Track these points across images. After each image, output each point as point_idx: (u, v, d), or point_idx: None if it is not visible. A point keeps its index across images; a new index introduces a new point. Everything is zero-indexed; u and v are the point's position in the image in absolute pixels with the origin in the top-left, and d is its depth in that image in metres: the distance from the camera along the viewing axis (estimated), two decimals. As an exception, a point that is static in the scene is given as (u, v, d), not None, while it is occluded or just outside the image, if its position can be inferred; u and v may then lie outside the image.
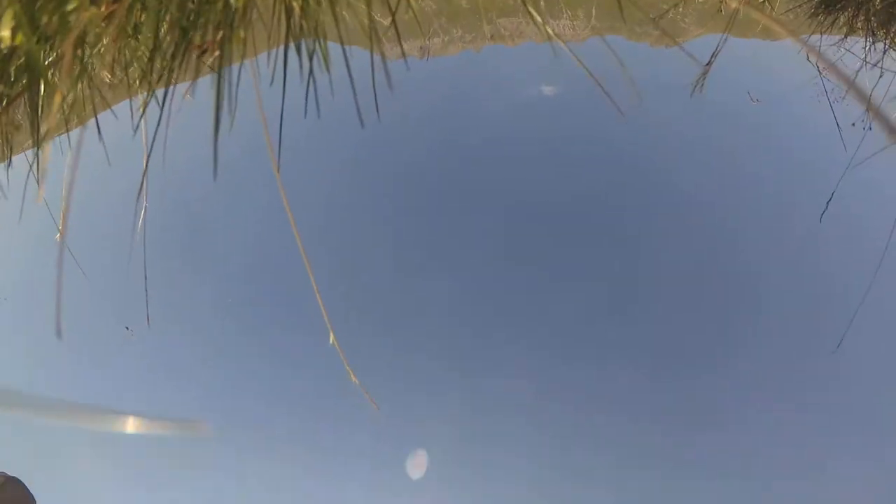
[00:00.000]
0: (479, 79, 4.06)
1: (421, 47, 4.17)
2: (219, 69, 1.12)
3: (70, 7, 0.85)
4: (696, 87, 2.15)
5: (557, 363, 2.99)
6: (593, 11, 3.48)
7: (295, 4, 1.35)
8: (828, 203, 1.81)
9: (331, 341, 1.25)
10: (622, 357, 2.88)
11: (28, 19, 0.95)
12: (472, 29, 4.31)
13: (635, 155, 3.07)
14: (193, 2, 1.09)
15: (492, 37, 4.19)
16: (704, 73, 2.16)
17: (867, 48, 1.69)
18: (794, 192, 2.47)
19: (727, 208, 2.71)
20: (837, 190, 1.76)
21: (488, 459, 2.94)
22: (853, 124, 1.85)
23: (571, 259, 3.11)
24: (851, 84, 0.79)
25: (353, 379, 1.24)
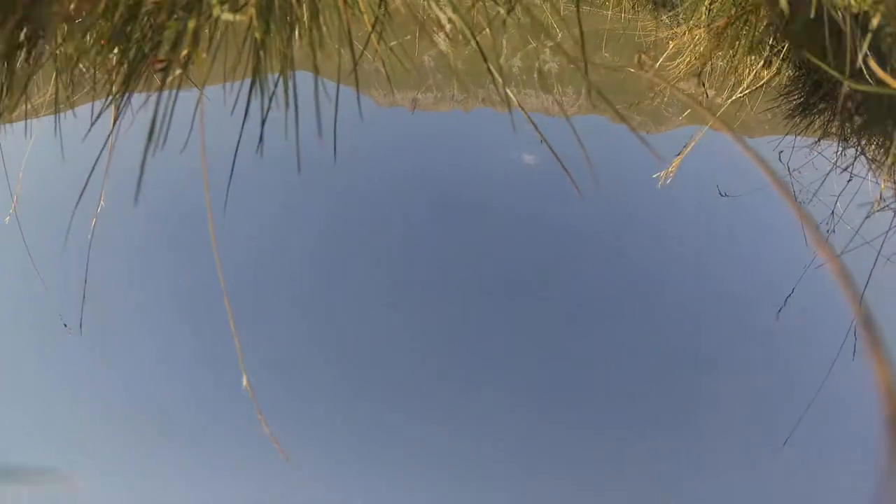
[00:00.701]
0: (463, 138, 4.12)
1: (412, 99, 4.23)
2: (161, 92, 1.07)
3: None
4: (664, 178, 2.20)
5: (499, 459, 2.88)
6: (582, 90, 3.59)
7: (258, 36, 1.30)
8: (786, 299, 1.83)
9: (244, 384, 1.16)
10: (571, 448, 2.79)
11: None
12: (466, 90, 4.40)
13: (600, 234, 3.09)
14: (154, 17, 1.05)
15: (483, 100, 4.28)
16: (674, 165, 2.21)
17: (839, 153, 1.75)
18: (754, 286, 2.49)
19: (686, 295, 2.72)
20: (798, 287, 1.78)
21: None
22: (817, 226, 1.89)
23: (525, 333, 3.06)
24: (780, 184, 0.77)
25: (265, 428, 1.14)
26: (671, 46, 2.10)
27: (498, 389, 3.01)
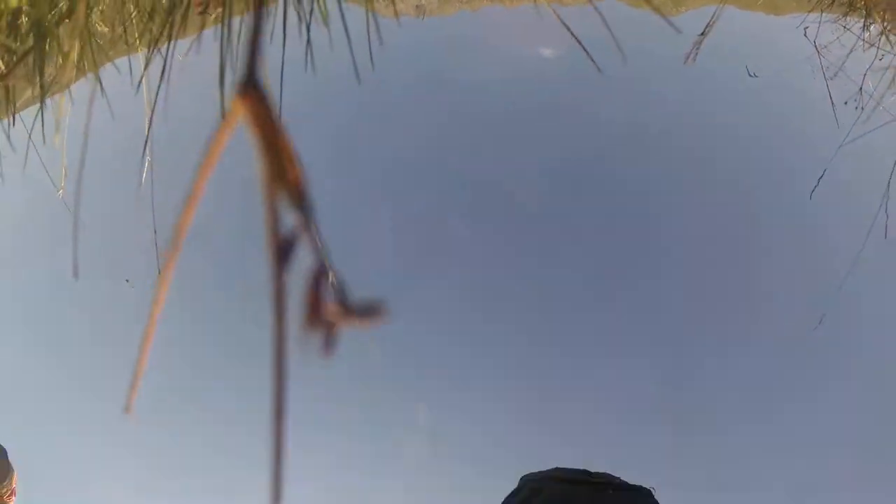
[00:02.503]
0: (475, 39, 3.99)
1: (416, 6, 4.08)
2: (223, 28, 1.11)
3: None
4: (689, 57, 2.15)
5: (549, 350, 3.01)
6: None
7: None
8: (819, 180, 1.84)
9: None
10: (611, 344, 2.91)
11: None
12: (471, -12, 4.22)
13: (629, 121, 3.05)
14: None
15: (491, -3, 4.11)
16: (698, 44, 2.15)
17: (865, 27, 1.69)
18: (785, 168, 2.49)
19: (717, 182, 2.73)
20: (829, 167, 1.80)
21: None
22: (846, 103, 1.87)
23: (559, 235, 3.12)
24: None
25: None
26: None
27: (521, 275, 3.13)
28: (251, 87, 0.17)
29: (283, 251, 0.15)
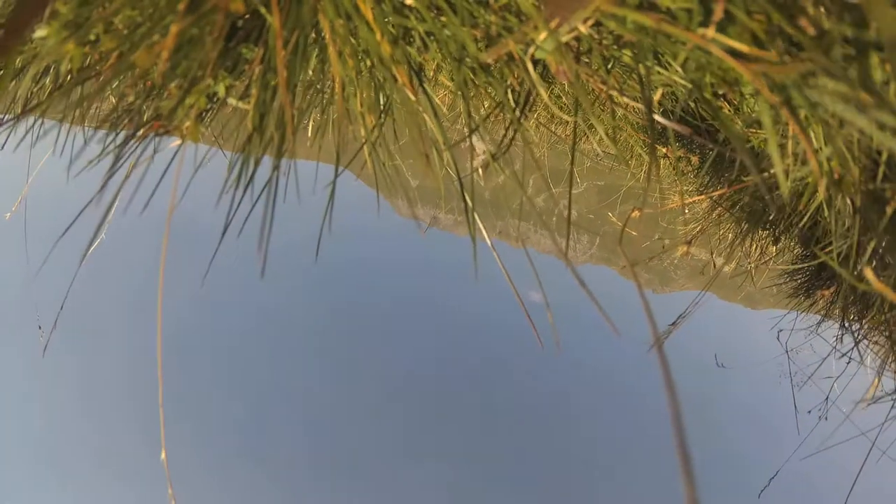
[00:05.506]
0: (472, 265, 4.15)
1: (433, 217, 4.35)
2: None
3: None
4: (655, 344, 2.16)
5: None
6: (596, 241, 3.67)
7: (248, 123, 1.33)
8: (770, 480, 1.70)
9: (161, 457, 1.11)
10: None
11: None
12: (484, 219, 4.51)
13: (593, 386, 3.01)
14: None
15: (499, 232, 4.38)
16: (667, 334, 2.18)
17: (838, 337, 1.71)
18: (739, 464, 2.35)
19: (671, 466, 2.56)
20: (783, 471, 1.67)
21: None
22: (809, 412, 1.82)
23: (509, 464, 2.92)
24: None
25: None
26: (672, 206, 2.17)
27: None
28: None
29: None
